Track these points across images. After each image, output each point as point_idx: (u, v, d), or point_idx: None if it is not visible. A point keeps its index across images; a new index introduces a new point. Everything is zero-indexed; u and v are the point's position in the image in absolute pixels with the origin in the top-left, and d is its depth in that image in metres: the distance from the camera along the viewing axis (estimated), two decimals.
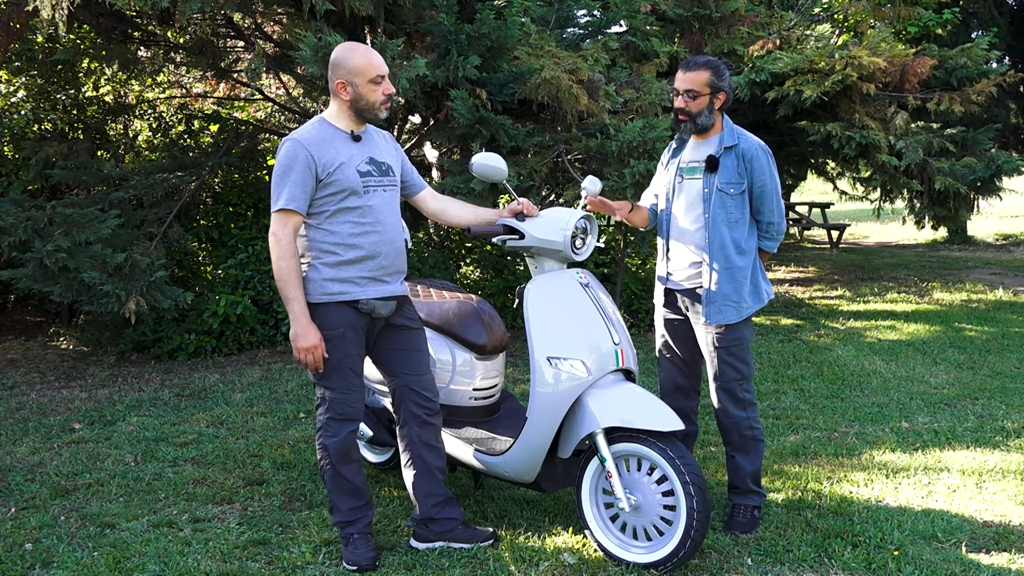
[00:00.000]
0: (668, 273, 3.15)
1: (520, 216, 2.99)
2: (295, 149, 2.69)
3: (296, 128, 2.84)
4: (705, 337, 3.07)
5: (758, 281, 3.06)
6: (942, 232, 13.80)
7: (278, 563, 2.87)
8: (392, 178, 2.88)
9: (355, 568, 2.80)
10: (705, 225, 3.00)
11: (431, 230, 8.04)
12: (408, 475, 2.99)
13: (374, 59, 2.75)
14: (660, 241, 3.19)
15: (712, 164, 2.98)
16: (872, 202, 9.07)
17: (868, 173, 8.21)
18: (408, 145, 7.90)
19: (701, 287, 3.02)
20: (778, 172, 3.09)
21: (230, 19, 6.79)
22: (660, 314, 3.24)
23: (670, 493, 2.72)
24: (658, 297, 3.23)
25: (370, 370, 3.37)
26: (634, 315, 7.18)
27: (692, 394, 3.29)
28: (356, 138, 2.81)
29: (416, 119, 7.79)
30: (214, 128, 8.25)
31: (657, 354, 3.31)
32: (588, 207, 3.08)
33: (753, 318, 3.11)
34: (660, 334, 3.25)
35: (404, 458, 3.00)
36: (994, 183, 7.61)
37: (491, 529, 3.04)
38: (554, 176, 6.09)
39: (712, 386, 3.11)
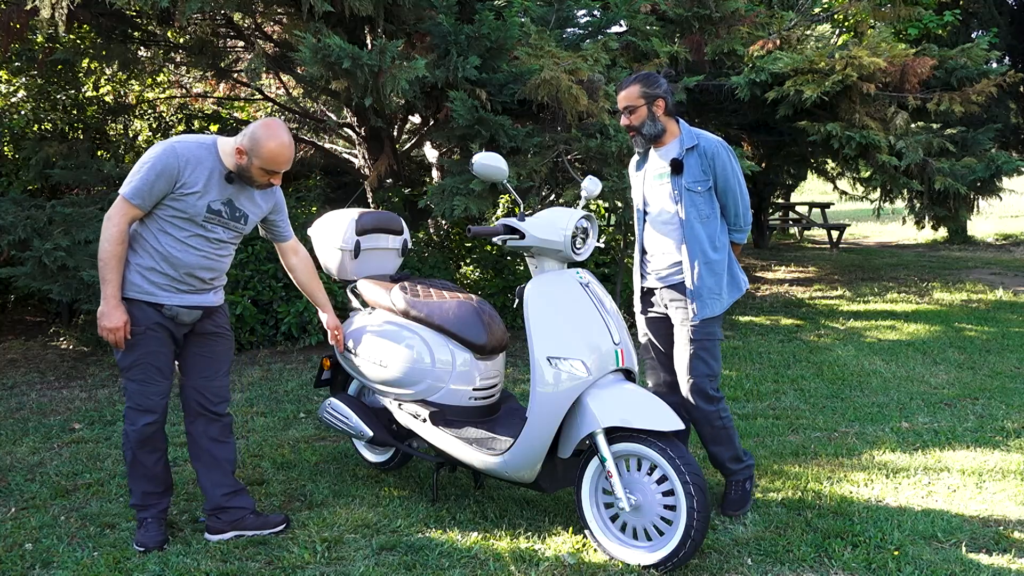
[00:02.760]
0: (648, 273, 3.29)
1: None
2: (168, 155, 2.78)
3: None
4: (681, 332, 3.19)
5: (735, 272, 3.21)
6: (942, 232, 13.81)
7: (278, 563, 2.87)
8: (240, 225, 2.99)
9: (143, 549, 2.94)
10: (680, 225, 3.14)
11: (431, 230, 8.04)
12: (196, 468, 3.12)
13: (282, 157, 2.82)
14: (638, 245, 3.35)
15: (677, 166, 3.12)
16: (872, 202, 9.07)
17: (868, 173, 8.21)
18: (408, 145, 7.92)
19: (682, 284, 3.15)
20: (778, 172, 3.16)
21: (230, 19, 6.80)
22: (640, 314, 3.38)
23: (670, 493, 2.72)
24: (637, 299, 3.38)
25: (370, 370, 3.38)
26: (634, 315, 7.17)
27: (679, 390, 3.32)
28: (230, 179, 2.90)
29: (416, 119, 7.79)
30: (214, 128, 8.26)
31: (641, 352, 3.41)
32: None
33: (753, 318, 3.16)
34: (643, 333, 3.39)
35: (191, 453, 3.14)
36: (994, 183, 7.61)
37: (283, 515, 3.16)
38: (554, 176, 6.09)
39: (683, 381, 3.20)
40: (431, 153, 8.00)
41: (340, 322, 3.46)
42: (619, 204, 5.93)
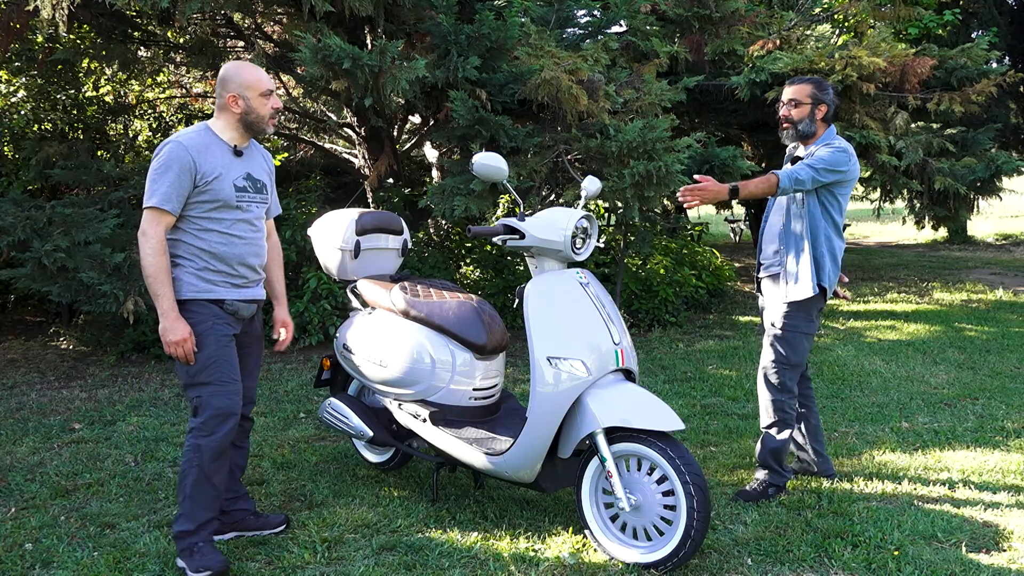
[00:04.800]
0: (759, 263, 3.50)
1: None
2: (177, 151, 2.72)
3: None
4: (768, 317, 3.38)
5: (824, 266, 3.31)
6: (942, 232, 13.82)
7: (278, 563, 2.87)
8: (264, 196, 2.96)
9: (209, 574, 2.71)
10: (784, 217, 3.35)
11: (431, 230, 8.04)
12: None
13: (263, 74, 2.87)
14: (759, 236, 3.53)
15: (795, 164, 3.28)
16: (872, 202, 9.08)
17: (868, 173, 8.22)
18: (408, 145, 7.92)
19: (776, 276, 3.36)
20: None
21: (230, 19, 6.80)
22: (760, 301, 3.58)
23: (670, 493, 2.72)
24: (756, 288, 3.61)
25: (370, 370, 3.38)
26: (634, 315, 7.18)
27: (802, 380, 3.49)
28: (238, 152, 2.87)
29: (416, 119, 7.80)
30: None
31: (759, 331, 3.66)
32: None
33: (753, 318, 3.31)
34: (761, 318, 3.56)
35: None
36: (994, 183, 7.62)
37: (283, 516, 3.14)
38: (554, 176, 6.09)
39: (760, 365, 3.41)
40: (431, 153, 8.00)
41: (291, 320, 3.28)
42: (619, 204, 5.93)
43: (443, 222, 7.79)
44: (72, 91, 7.61)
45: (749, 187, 3.19)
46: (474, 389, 3.23)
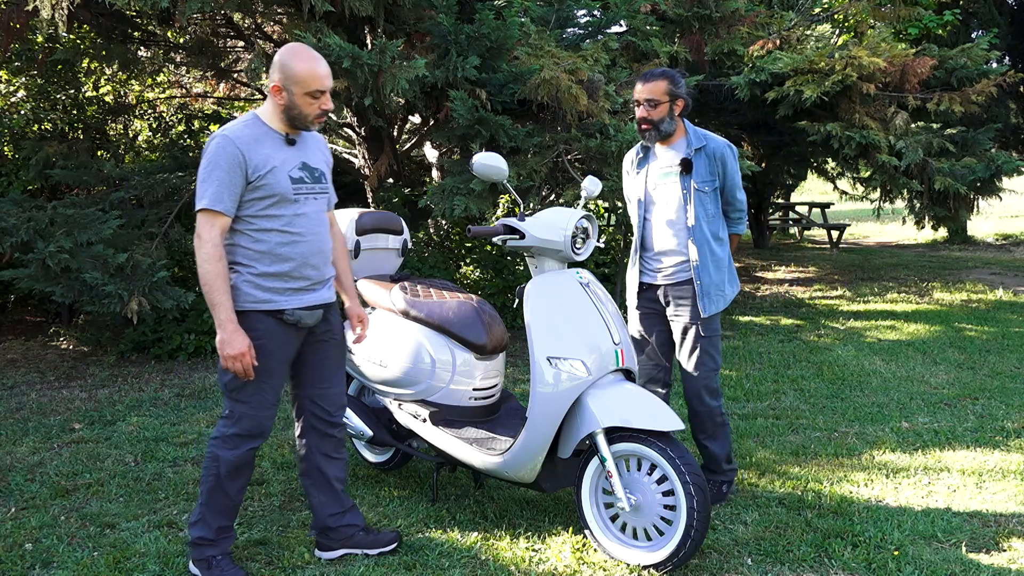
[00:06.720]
0: (650, 270, 3.31)
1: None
2: (224, 145, 2.53)
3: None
4: (687, 329, 3.23)
5: (732, 268, 3.32)
6: (942, 232, 13.81)
7: (278, 563, 2.87)
8: (324, 185, 2.75)
9: None
10: (687, 224, 3.20)
11: (431, 230, 8.04)
12: (304, 484, 2.92)
13: (319, 70, 2.58)
14: (635, 242, 3.37)
15: (687, 166, 3.19)
16: (872, 202, 9.08)
17: (868, 173, 8.22)
18: (408, 145, 7.91)
19: (688, 281, 3.21)
20: (778, 172, 3.23)
21: (230, 19, 6.80)
22: (635, 310, 3.38)
23: (670, 493, 2.72)
24: (632, 294, 3.37)
25: (370, 370, 3.38)
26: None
27: (666, 388, 3.41)
28: (290, 141, 2.66)
29: (416, 119, 7.79)
30: (214, 128, 8.25)
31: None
32: None
33: (753, 318, 3.25)
34: (636, 329, 3.39)
35: (301, 466, 2.92)
36: (994, 183, 7.61)
37: (395, 532, 2.96)
38: (554, 176, 6.09)
39: (691, 377, 3.26)
40: (431, 153, 8.00)
41: (365, 314, 3.05)
42: (619, 204, 5.94)
43: (443, 222, 7.79)
44: (72, 91, 7.61)
45: (734, 246, 3.35)
46: (474, 389, 3.23)
